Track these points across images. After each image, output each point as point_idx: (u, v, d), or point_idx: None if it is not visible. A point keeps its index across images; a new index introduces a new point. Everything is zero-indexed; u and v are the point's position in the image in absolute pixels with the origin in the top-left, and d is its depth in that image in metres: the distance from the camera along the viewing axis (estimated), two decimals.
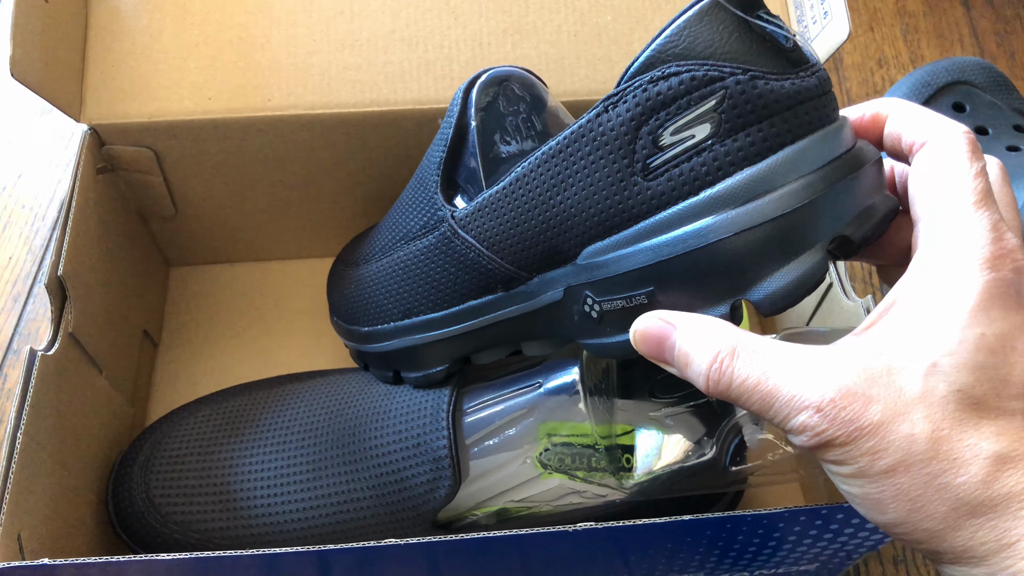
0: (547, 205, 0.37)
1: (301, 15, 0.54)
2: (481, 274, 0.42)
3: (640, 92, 0.33)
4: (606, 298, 0.36)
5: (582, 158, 0.35)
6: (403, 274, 0.46)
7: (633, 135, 0.34)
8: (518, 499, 0.44)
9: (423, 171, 0.45)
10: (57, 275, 0.46)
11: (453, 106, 0.43)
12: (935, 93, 0.64)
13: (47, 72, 0.50)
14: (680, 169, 0.33)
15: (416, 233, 0.45)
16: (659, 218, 0.33)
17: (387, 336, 0.47)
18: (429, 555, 0.40)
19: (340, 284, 0.52)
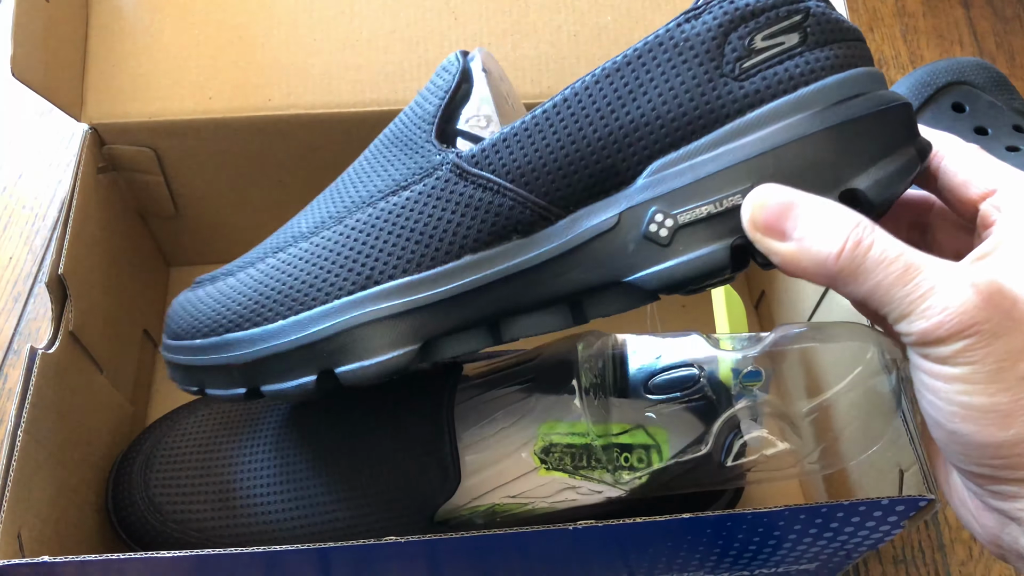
0: (608, 120, 0.35)
1: (301, 15, 0.55)
2: (495, 217, 0.36)
3: (728, 3, 0.34)
4: (686, 207, 0.34)
5: (659, 65, 0.34)
6: (366, 237, 0.38)
7: (722, 40, 0.34)
8: (514, 494, 0.44)
9: (401, 128, 0.40)
10: (58, 274, 0.46)
11: (448, 64, 0.41)
12: (935, 93, 0.64)
13: (48, 72, 0.50)
14: (775, 70, 0.34)
15: (390, 189, 0.39)
16: (758, 114, 0.34)
17: (323, 318, 0.38)
18: (429, 553, 0.40)
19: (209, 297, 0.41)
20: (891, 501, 0.39)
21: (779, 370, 0.45)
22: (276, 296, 0.39)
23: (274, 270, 0.39)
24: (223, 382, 0.40)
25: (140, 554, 0.38)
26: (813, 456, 0.44)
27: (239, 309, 0.39)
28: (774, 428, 0.44)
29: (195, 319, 0.41)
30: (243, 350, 0.39)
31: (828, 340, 0.45)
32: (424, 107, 0.40)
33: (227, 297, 0.40)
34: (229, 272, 0.42)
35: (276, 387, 0.39)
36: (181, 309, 0.42)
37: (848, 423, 0.44)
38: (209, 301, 0.41)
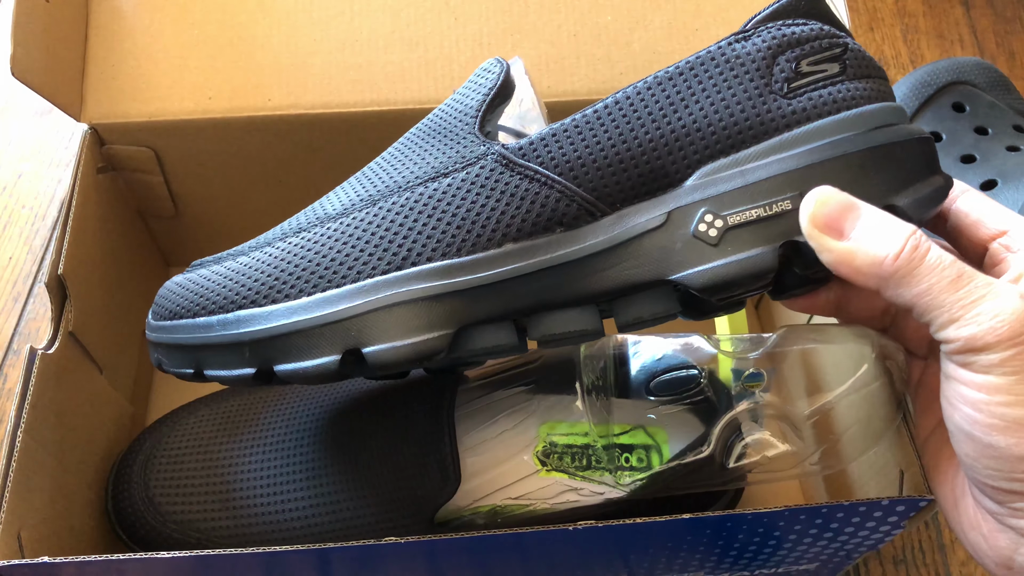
0: (661, 123, 0.37)
1: (301, 15, 0.55)
2: (540, 208, 0.36)
3: (776, 30, 0.37)
4: (737, 210, 0.36)
5: (711, 77, 0.37)
6: (403, 219, 0.37)
7: (771, 61, 0.37)
8: (515, 496, 0.44)
9: (440, 121, 0.40)
10: (57, 274, 0.46)
11: (490, 65, 0.41)
12: (935, 93, 0.64)
13: (48, 71, 0.50)
14: (819, 92, 0.37)
15: (428, 176, 0.38)
16: (805, 129, 0.36)
17: (355, 295, 0.37)
18: (429, 554, 0.40)
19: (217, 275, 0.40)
20: (891, 501, 0.39)
21: (780, 371, 0.45)
22: (300, 273, 0.37)
23: (298, 248, 0.38)
24: (229, 362, 0.38)
25: (140, 554, 0.38)
26: (814, 457, 0.44)
27: (255, 285, 0.38)
28: (775, 429, 0.44)
29: (199, 296, 0.38)
30: (259, 325, 0.37)
31: (829, 341, 0.45)
32: (465, 102, 0.40)
33: (240, 274, 0.38)
34: (240, 252, 0.40)
35: (292, 367, 0.37)
36: (179, 288, 0.40)
37: (849, 424, 0.44)
38: (217, 279, 0.39)
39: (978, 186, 0.58)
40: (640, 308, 0.37)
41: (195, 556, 0.38)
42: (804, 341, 0.46)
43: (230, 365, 0.37)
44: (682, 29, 0.55)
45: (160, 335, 0.40)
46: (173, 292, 0.40)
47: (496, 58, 0.41)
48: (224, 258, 0.40)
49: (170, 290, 0.40)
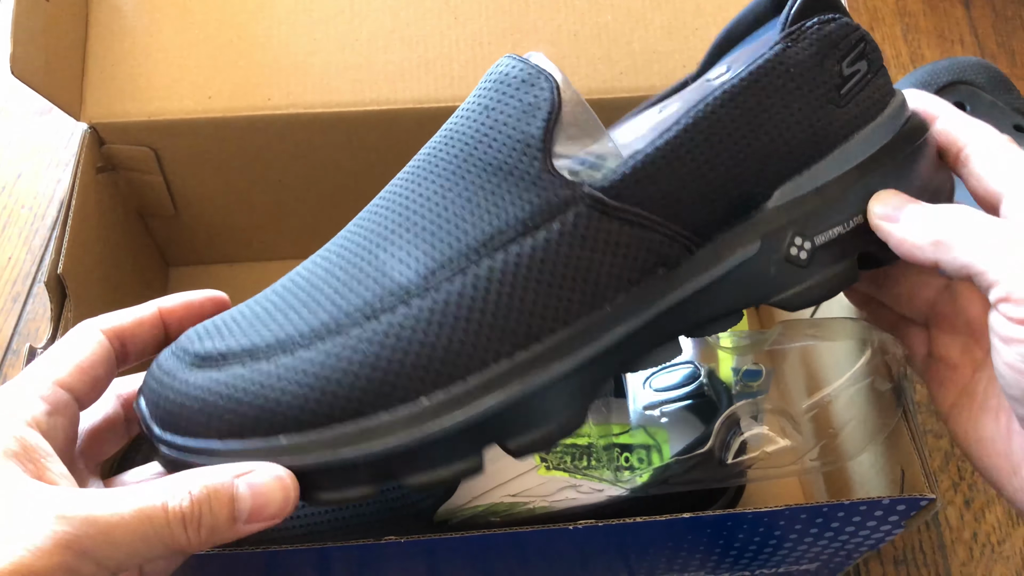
0: (740, 145, 0.35)
1: (301, 15, 0.55)
2: (645, 253, 0.34)
3: (817, 30, 0.36)
4: (822, 231, 0.36)
5: (776, 91, 0.35)
6: (510, 289, 0.32)
7: (819, 66, 0.36)
8: (513, 493, 0.44)
9: (493, 155, 0.34)
10: (57, 274, 0.46)
11: (525, 75, 0.35)
12: (936, 93, 0.64)
13: (47, 71, 0.50)
14: (863, 95, 0.37)
15: (515, 230, 0.33)
16: (859, 136, 0.37)
17: (484, 390, 0.32)
18: (429, 553, 0.40)
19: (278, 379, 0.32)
20: (892, 501, 0.39)
21: (779, 367, 0.45)
22: (409, 371, 0.31)
23: (391, 337, 0.31)
24: (333, 484, 0.32)
25: None
26: (814, 453, 0.44)
27: (351, 393, 0.31)
28: (775, 425, 0.44)
29: (264, 409, 0.31)
30: (376, 440, 0.31)
31: (828, 337, 0.45)
32: (518, 128, 0.34)
33: (317, 377, 0.31)
34: (294, 344, 0.32)
35: (426, 477, 0.32)
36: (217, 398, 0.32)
37: (848, 420, 0.44)
38: (283, 384, 0.31)
39: None
40: (718, 326, 0.37)
41: (194, 556, 0.38)
42: (803, 337, 0.46)
43: (338, 487, 0.32)
44: (682, 29, 0.55)
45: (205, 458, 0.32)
46: (207, 403, 0.32)
47: (519, 60, 0.36)
48: (270, 352, 0.32)
49: (198, 400, 0.32)
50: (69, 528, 0.28)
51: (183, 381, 0.32)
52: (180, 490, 0.29)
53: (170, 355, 0.34)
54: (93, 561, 0.28)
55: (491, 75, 0.36)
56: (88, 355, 0.34)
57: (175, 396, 0.32)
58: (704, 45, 0.45)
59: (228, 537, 0.30)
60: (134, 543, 0.29)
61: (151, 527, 0.29)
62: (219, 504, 0.30)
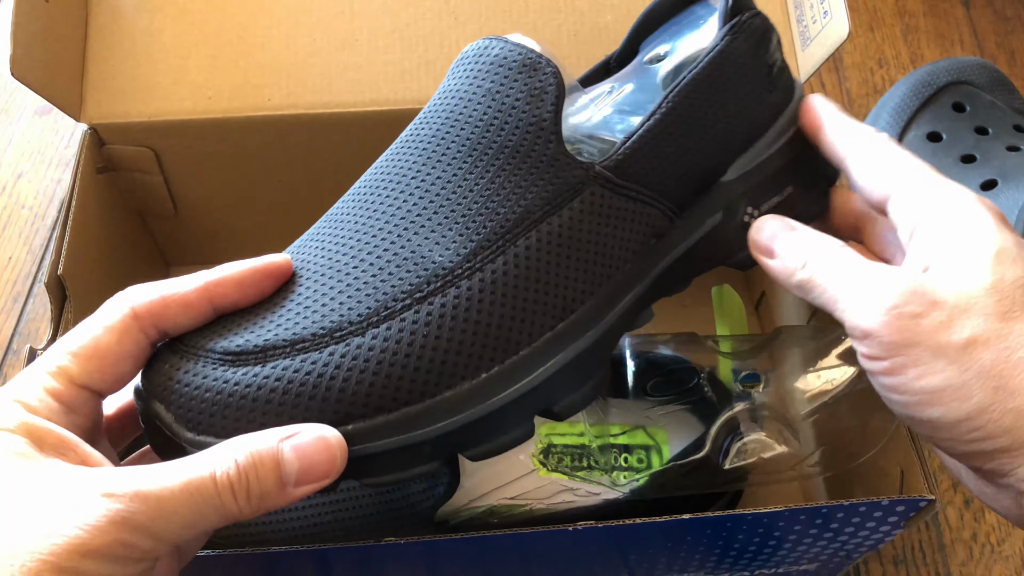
0: (706, 126, 0.39)
1: (301, 15, 0.55)
2: (644, 226, 0.38)
3: (750, 24, 0.40)
4: (766, 201, 0.42)
5: (729, 78, 0.39)
6: (546, 265, 0.35)
7: (755, 58, 0.40)
8: (511, 496, 0.44)
9: (508, 139, 0.36)
10: (57, 274, 0.46)
11: (527, 60, 0.37)
12: (935, 93, 0.64)
13: (47, 72, 0.50)
14: (781, 81, 0.41)
15: (542, 209, 0.35)
16: (785, 116, 0.41)
17: (532, 361, 0.34)
18: (428, 553, 0.40)
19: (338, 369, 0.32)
20: (891, 501, 0.39)
21: (779, 372, 0.45)
22: (468, 348, 0.33)
23: (445, 319, 0.33)
24: (403, 463, 0.33)
25: None
26: (812, 459, 0.44)
27: (414, 374, 0.32)
28: (773, 431, 0.44)
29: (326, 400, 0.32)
30: (444, 419, 0.33)
31: (827, 342, 0.45)
32: (530, 112, 0.36)
33: (379, 362, 0.32)
34: (345, 331, 0.33)
35: (486, 448, 0.34)
36: (268, 393, 0.32)
37: (848, 426, 0.44)
38: (343, 373, 0.32)
39: (978, 186, 0.58)
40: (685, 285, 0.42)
41: (196, 556, 0.38)
42: (802, 342, 0.46)
43: (405, 467, 0.33)
44: None
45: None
46: (255, 400, 0.32)
47: (511, 43, 0.38)
48: (319, 342, 0.33)
49: (245, 396, 0.32)
50: (120, 505, 0.28)
51: (219, 379, 0.32)
52: (227, 458, 0.29)
53: (179, 356, 0.33)
54: (149, 535, 0.28)
55: (480, 59, 0.38)
56: (113, 350, 0.32)
57: (212, 396, 0.31)
58: None
59: (280, 502, 0.30)
60: (187, 515, 0.29)
61: (201, 498, 0.29)
62: (265, 470, 0.30)
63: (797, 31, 0.54)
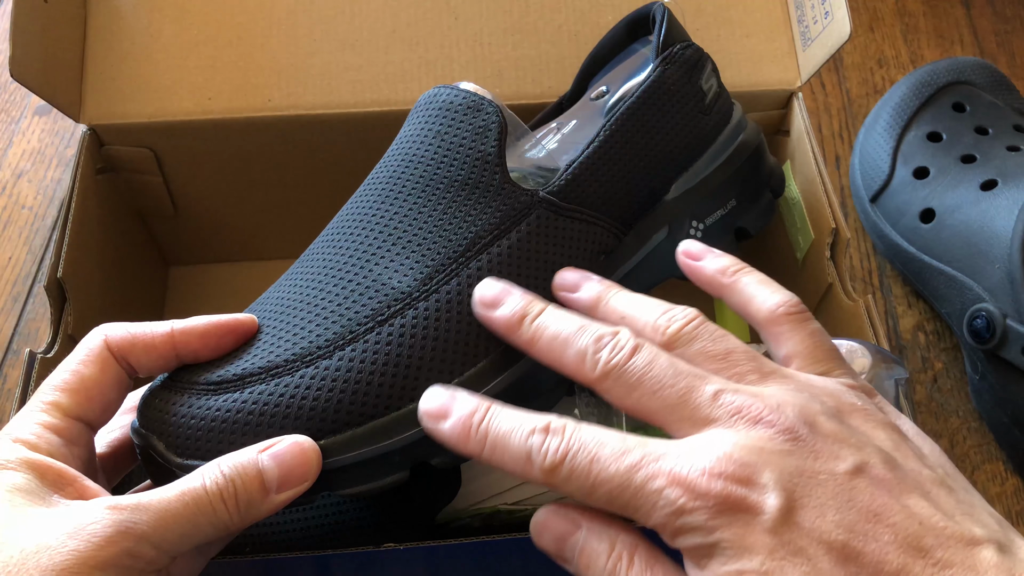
0: (643, 150, 0.43)
1: (301, 15, 0.54)
2: (590, 244, 0.41)
3: (681, 54, 0.44)
4: (711, 216, 0.46)
5: (663, 105, 0.43)
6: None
7: (688, 84, 0.44)
8: (512, 502, 0.44)
9: (457, 171, 0.39)
10: (56, 277, 0.46)
11: (473, 100, 0.41)
12: (935, 93, 0.64)
13: (47, 72, 0.50)
14: (718, 106, 0.46)
15: (490, 233, 0.39)
16: (720, 138, 0.46)
17: (490, 375, 0.37)
18: (429, 558, 0.40)
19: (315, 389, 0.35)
20: None
21: None
22: (429, 364, 0.36)
23: (407, 339, 0.36)
24: (375, 473, 0.35)
25: None
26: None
27: (382, 390, 0.35)
28: None
29: (298, 419, 0.34)
30: (409, 430, 0.35)
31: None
32: (475, 148, 0.40)
33: (345, 381, 0.35)
34: (313, 355, 0.35)
35: (452, 455, 0.35)
36: (246, 416, 0.34)
37: None
38: (312, 392, 0.35)
39: (978, 186, 0.58)
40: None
41: None
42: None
43: (377, 476, 0.35)
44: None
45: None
46: (235, 423, 0.34)
47: (457, 90, 0.41)
48: (291, 367, 0.35)
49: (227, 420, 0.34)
50: (123, 516, 0.29)
51: (202, 407, 0.34)
52: (214, 471, 0.32)
53: (170, 391, 0.35)
54: (151, 545, 0.30)
55: (430, 105, 0.42)
56: (99, 381, 0.34)
57: (197, 423, 0.34)
58: (705, 45, 0.46)
59: (265, 509, 0.32)
60: (184, 524, 0.31)
61: (196, 507, 0.31)
62: (249, 477, 0.32)
63: (798, 31, 0.54)
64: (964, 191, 0.58)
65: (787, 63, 0.54)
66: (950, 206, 0.58)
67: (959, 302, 0.57)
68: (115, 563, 0.29)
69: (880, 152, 0.64)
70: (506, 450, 0.31)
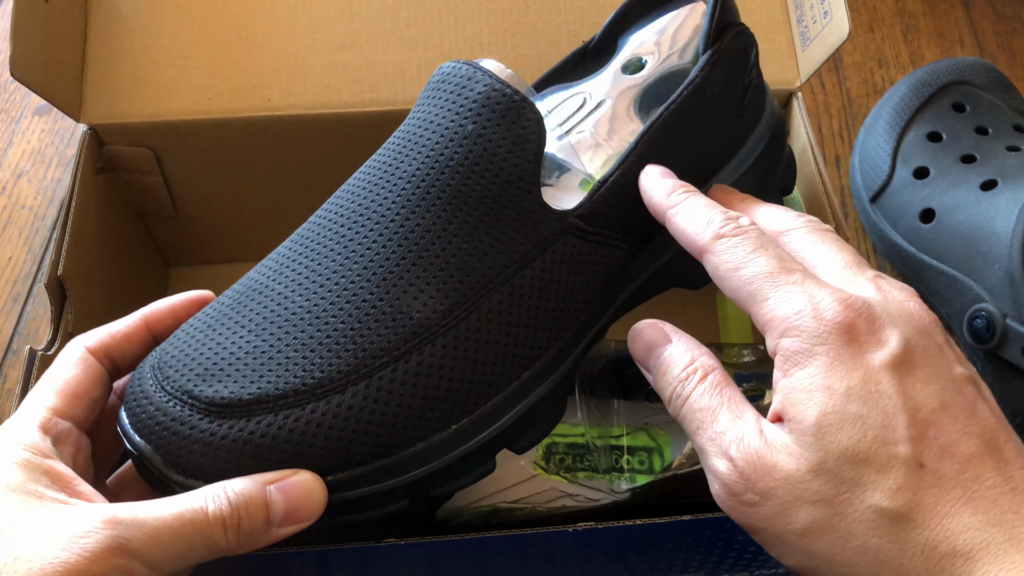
0: (675, 163, 0.39)
1: (301, 15, 0.54)
2: (609, 267, 0.39)
3: (730, 46, 0.40)
4: None
5: (704, 112, 0.40)
6: (516, 318, 0.36)
7: (730, 84, 0.41)
8: (511, 500, 0.44)
9: (488, 186, 0.36)
10: (57, 275, 0.46)
11: (519, 107, 0.37)
12: (935, 93, 0.64)
13: (47, 72, 0.50)
14: (753, 101, 0.42)
15: (516, 263, 0.37)
16: (753, 137, 0.43)
17: (501, 409, 0.36)
18: (429, 555, 0.40)
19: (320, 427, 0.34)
20: None
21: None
22: (441, 404, 0.35)
23: (421, 377, 0.35)
24: (373, 507, 0.35)
25: None
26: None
27: (390, 430, 0.34)
28: None
29: (307, 456, 0.33)
30: (417, 469, 0.35)
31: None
32: (510, 161, 0.37)
33: (357, 420, 0.34)
34: (327, 389, 0.34)
35: (452, 486, 0.36)
36: (255, 449, 0.33)
37: None
38: (323, 431, 0.33)
39: (978, 186, 0.58)
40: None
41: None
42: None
43: (378, 507, 0.35)
44: None
45: None
46: (242, 455, 0.33)
47: (498, 82, 0.37)
48: (300, 399, 0.34)
49: (233, 451, 0.33)
50: (118, 532, 0.29)
51: (204, 431, 0.33)
52: (220, 496, 0.31)
53: (165, 394, 0.34)
54: (143, 562, 0.30)
55: (465, 93, 0.37)
56: (81, 380, 0.35)
57: (199, 448, 0.33)
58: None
59: (264, 541, 0.32)
60: (179, 545, 0.30)
61: (194, 529, 0.31)
62: (255, 508, 0.32)
63: (797, 31, 0.54)
64: (964, 191, 0.58)
65: (786, 63, 0.54)
66: (950, 206, 0.58)
67: (959, 302, 0.57)
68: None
69: (880, 152, 0.64)
70: (695, 212, 0.36)
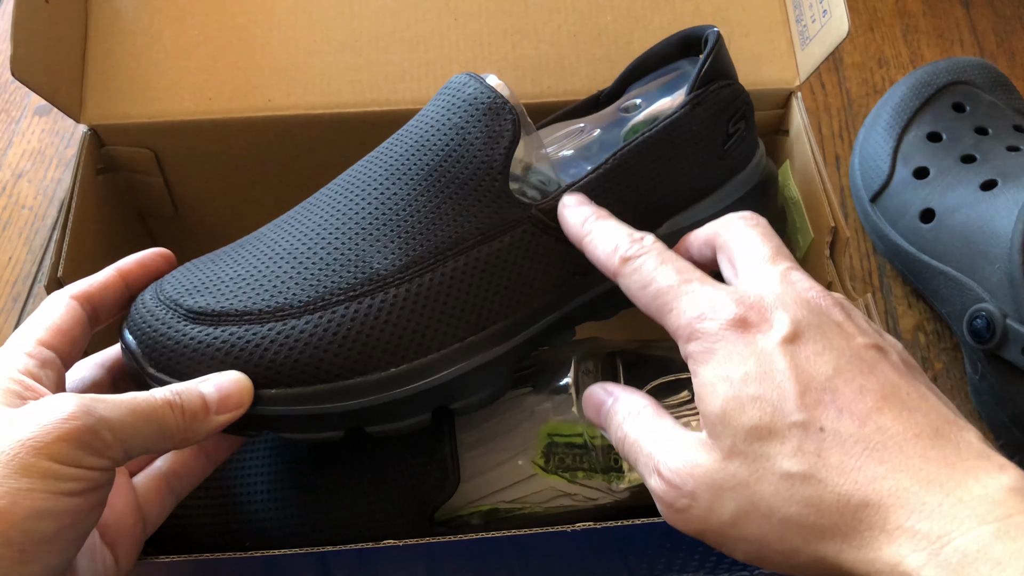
0: (647, 185, 0.43)
1: (301, 15, 0.55)
2: (570, 264, 0.42)
3: (716, 94, 0.44)
4: None
5: (681, 144, 0.43)
6: (467, 286, 0.40)
7: (713, 127, 0.44)
8: (509, 499, 0.45)
9: (460, 172, 0.41)
10: (57, 276, 0.46)
11: (490, 102, 0.41)
12: (935, 93, 0.64)
13: (48, 72, 0.50)
14: (739, 150, 0.46)
15: (475, 238, 0.40)
16: (732, 181, 0.46)
17: (440, 365, 0.40)
18: (428, 555, 0.41)
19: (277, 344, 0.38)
20: None
21: None
22: (384, 345, 0.39)
23: (369, 317, 0.39)
24: (312, 428, 0.39)
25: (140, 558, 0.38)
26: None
27: (338, 360, 0.38)
28: None
29: (258, 366, 0.38)
30: (351, 400, 0.39)
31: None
32: (485, 152, 0.41)
33: (306, 344, 0.38)
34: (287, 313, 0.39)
35: (386, 427, 0.40)
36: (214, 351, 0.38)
37: None
38: (275, 347, 0.38)
39: (978, 186, 0.58)
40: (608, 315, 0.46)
41: (193, 560, 0.38)
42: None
43: (314, 430, 0.39)
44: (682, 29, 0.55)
45: None
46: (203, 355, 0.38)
47: (485, 86, 0.42)
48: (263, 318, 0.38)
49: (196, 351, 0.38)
50: (84, 399, 0.33)
51: (179, 332, 0.38)
52: (164, 388, 0.36)
53: (159, 303, 0.39)
54: (109, 428, 0.33)
55: (458, 94, 0.42)
56: (63, 318, 0.38)
57: (172, 344, 0.38)
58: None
59: (208, 425, 0.36)
60: (137, 422, 0.34)
61: (148, 407, 0.35)
62: (192, 396, 0.36)
63: (796, 30, 0.54)
64: (964, 191, 0.58)
65: (786, 62, 0.54)
66: (950, 206, 0.58)
67: (959, 302, 0.57)
68: (77, 437, 0.32)
69: (880, 152, 0.64)
70: (605, 237, 0.38)
